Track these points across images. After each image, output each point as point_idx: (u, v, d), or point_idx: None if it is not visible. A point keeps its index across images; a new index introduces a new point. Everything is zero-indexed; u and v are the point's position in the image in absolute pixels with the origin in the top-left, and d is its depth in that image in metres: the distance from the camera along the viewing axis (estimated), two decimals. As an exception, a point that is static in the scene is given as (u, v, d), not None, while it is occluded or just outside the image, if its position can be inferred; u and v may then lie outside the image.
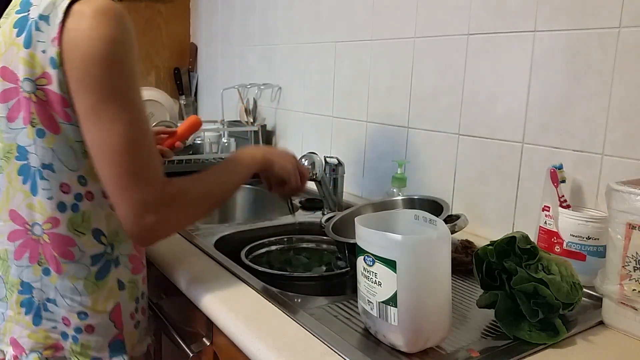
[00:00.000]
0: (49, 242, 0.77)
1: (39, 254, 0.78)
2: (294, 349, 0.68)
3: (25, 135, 0.74)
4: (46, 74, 0.71)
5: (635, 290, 0.72)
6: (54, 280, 0.78)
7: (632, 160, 0.91)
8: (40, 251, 0.78)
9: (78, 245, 0.77)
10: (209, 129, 1.85)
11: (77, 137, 0.74)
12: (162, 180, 0.74)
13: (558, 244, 0.92)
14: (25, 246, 0.78)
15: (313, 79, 1.68)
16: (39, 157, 0.74)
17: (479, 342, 0.72)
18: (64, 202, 0.76)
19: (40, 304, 0.79)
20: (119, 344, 0.83)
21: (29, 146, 0.75)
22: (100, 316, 0.80)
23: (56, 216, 0.76)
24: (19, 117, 0.74)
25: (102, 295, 0.80)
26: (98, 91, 0.70)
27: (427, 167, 1.29)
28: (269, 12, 1.88)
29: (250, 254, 1.11)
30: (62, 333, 0.80)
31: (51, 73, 0.71)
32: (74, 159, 0.75)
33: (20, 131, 0.75)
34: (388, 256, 0.64)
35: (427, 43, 1.26)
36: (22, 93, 0.73)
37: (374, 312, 0.68)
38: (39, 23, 0.71)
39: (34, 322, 0.79)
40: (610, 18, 0.92)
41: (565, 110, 1.00)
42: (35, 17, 0.72)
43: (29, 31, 0.72)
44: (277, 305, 0.79)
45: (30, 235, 0.78)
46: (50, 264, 0.78)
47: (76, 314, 0.79)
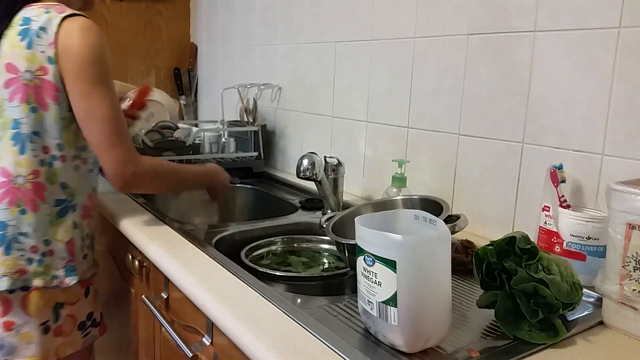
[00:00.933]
0: (30, 188, 1.04)
1: (19, 198, 1.04)
2: (294, 349, 0.68)
3: (20, 111, 1.03)
4: (43, 67, 1.02)
5: (635, 290, 0.72)
6: (29, 218, 1.04)
7: (632, 160, 0.91)
8: (19, 197, 1.04)
9: (49, 191, 1.06)
10: (209, 128, 1.85)
11: (60, 115, 1.05)
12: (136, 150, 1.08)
13: (558, 244, 0.92)
14: (7, 194, 1.04)
15: (313, 79, 1.68)
16: (30, 126, 1.03)
17: (479, 342, 0.72)
18: (44, 160, 1.05)
19: (11, 238, 1.04)
20: (71, 268, 1.09)
21: (22, 119, 1.03)
22: (59, 244, 1.08)
23: (38, 169, 1.05)
24: (16, 98, 1.03)
25: (62, 230, 1.08)
26: (89, 80, 1.02)
27: (427, 167, 1.29)
28: (269, 12, 1.88)
29: (250, 254, 1.11)
30: (28, 259, 1.05)
31: (47, 67, 1.02)
32: (55, 130, 1.05)
33: (17, 108, 1.03)
34: (388, 256, 0.64)
35: (427, 43, 1.26)
36: (21, 80, 1.02)
37: (374, 312, 0.68)
38: (38, 32, 1.02)
39: (4, 253, 1.03)
40: (610, 18, 0.92)
41: (565, 110, 1.00)
42: (35, 28, 1.03)
43: (30, 38, 1.02)
44: (277, 305, 0.79)
45: (12, 185, 1.04)
46: (28, 205, 1.04)
47: (42, 241, 1.06)
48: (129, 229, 1.16)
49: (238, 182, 1.70)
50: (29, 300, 1.05)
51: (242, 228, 1.21)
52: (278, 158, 1.89)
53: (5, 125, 1.05)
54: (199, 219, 1.66)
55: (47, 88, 1.02)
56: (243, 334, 0.72)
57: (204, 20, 2.38)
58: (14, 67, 1.03)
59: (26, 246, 1.04)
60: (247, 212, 1.68)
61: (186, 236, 1.09)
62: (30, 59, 1.01)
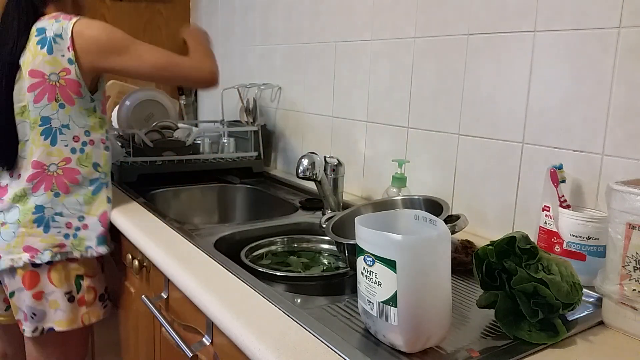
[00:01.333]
0: (62, 174, 1.21)
1: (52, 184, 1.21)
2: (294, 348, 0.68)
3: (50, 109, 1.19)
4: (66, 69, 1.18)
5: (635, 290, 0.72)
6: (62, 199, 1.21)
7: (632, 160, 0.91)
8: (53, 182, 1.21)
9: (82, 174, 1.23)
10: (209, 129, 1.85)
11: (85, 106, 1.22)
12: None
13: (558, 244, 0.92)
14: (42, 181, 1.20)
15: (313, 79, 1.68)
16: (59, 120, 1.20)
17: (479, 342, 0.72)
18: (74, 147, 1.22)
19: (49, 218, 1.20)
20: (103, 239, 1.25)
21: (52, 114, 1.19)
22: (93, 218, 1.24)
23: (69, 156, 1.22)
24: (44, 98, 1.18)
25: (95, 205, 1.24)
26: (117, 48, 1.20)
27: (427, 167, 1.29)
28: (269, 12, 1.88)
29: (250, 254, 1.11)
30: (65, 235, 1.21)
31: (69, 68, 1.18)
32: (82, 120, 1.22)
33: (45, 107, 1.18)
34: (388, 256, 0.64)
35: (427, 43, 1.26)
36: (48, 82, 1.17)
37: (374, 312, 0.68)
38: (55, 39, 1.17)
39: (44, 231, 1.20)
40: (610, 18, 0.92)
41: (565, 110, 1.00)
42: (51, 35, 1.17)
43: (49, 45, 1.17)
44: (277, 305, 0.79)
45: (46, 173, 1.20)
46: (61, 189, 1.21)
47: (77, 218, 1.23)
48: (129, 229, 1.16)
49: (238, 182, 1.70)
50: (53, 273, 1.20)
51: (242, 228, 1.21)
52: (278, 158, 1.90)
53: (34, 124, 1.19)
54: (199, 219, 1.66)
55: (71, 85, 1.19)
56: (243, 334, 0.72)
57: (204, 20, 2.38)
58: (39, 72, 1.17)
59: (62, 224, 1.21)
60: (247, 212, 1.68)
61: (186, 236, 1.09)
62: (53, 63, 1.17)
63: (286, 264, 1.11)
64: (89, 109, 1.23)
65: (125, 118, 1.74)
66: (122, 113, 1.74)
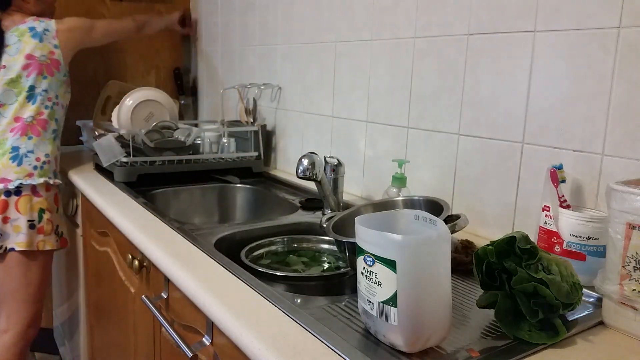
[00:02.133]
0: (35, 123, 1.64)
1: (27, 130, 1.63)
2: (294, 348, 0.68)
3: (34, 79, 1.64)
4: (52, 52, 1.67)
5: (635, 290, 0.72)
6: (35, 141, 1.64)
7: (632, 160, 0.91)
8: (28, 129, 1.63)
9: (49, 124, 1.67)
10: (209, 129, 1.85)
11: (59, 78, 1.70)
12: None
13: (558, 244, 0.92)
14: (20, 128, 1.62)
15: (313, 79, 1.68)
16: (42, 87, 1.65)
17: (479, 342, 0.72)
18: (48, 105, 1.67)
19: (22, 155, 1.60)
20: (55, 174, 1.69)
21: (37, 83, 1.64)
22: (52, 157, 1.67)
23: (42, 111, 1.66)
24: (33, 72, 1.63)
25: (53, 148, 1.69)
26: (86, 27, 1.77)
27: (427, 167, 1.29)
28: (269, 12, 1.88)
29: (250, 254, 1.11)
30: (34, 166, 1.61)
31: (54, 51, 1.68)
32: (56, 88, 1.69)
33: (33, 78, 1.64)
34: (388, 256, 0.65)
35: (427, 43, 1.26)
36: (37, 61, 1.64)
37: (374, 312, 0.68)
38: (44, 32, 1.67)
39: (17, 165, 1.59)
40: (610, 18, 0.92)
41: (565, 110, 1.00)
42: (41, 29, 1.67)
43: (40, 36, 1.66)
44: (277, 305, 0.79)
45: (24, 122, 1.63)
46: (34, 134, 1.64)
47: (43, 154, 1.64)
48: (128, 229, 1.16)
49: (238, 182, 1.70)
50: (20, 203, 1.58)
51: (242, 228, 1.21)
52: (278, 158, 1.90)
53: (21, 91, 1.63)
54: (199, 219, 1.66)
55: (54, 63, 1.67)
56: (243, 333, 0.72)
57: (204, 20, 2.38)
58: (32, 56, 1.64)
59: (32, 159, 1.61)
60: (247, 212, 1.68)
61: (186, 236, 1.09)
62: (43, 49, 1.65)
63: (286, 264, 1.11)
64: (61, 80, 1.70)
65: (125, 118, 1.74)
66: (122, 113, 1.74)
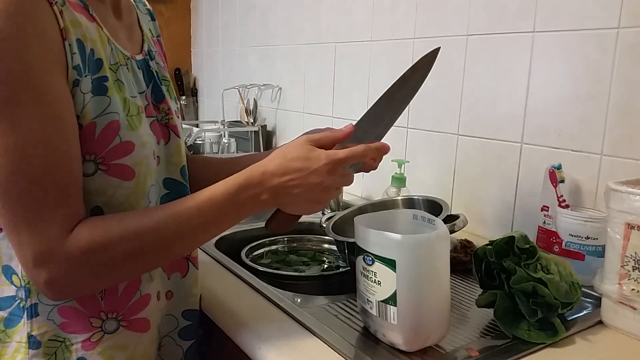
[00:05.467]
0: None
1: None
2: (294, 348, 0.68)
3: None
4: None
5: (634, 289, 0.72)
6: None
7: (631, 160, 0.91)
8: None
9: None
10: (210, 129, 1.85)
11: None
12: (65, 226, 0.56)
13: (557, 244, 0.92)
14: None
15: (313, 79, 1.68)
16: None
17: (478, 342, 0.72)
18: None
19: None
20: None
21: None
22: None
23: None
24: None
25: (11, 348, 0.63)
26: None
27: (426, 167, 1.29)
28: (270, 13, 1.88)
29: (251, 254, 1.11)
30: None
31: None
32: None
33: None
34: (388, 255, 0.65)
35: (427, 44, 1.27)
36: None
37: (374, 311, 0.68)
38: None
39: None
40: (609, 18, 0.92)
41: (564, 110, 1.00)
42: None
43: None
44: (277, 304, 0.79)
45: None
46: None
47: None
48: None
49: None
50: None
51: (242, 228, 1.21)
52: (278, 158, 1.90)
53: None
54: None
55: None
56: (243, 333, 0.72)
57: (205, 21, 2.39)
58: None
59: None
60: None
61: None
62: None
63: (286, 264, 1.11)
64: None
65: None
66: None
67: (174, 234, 0.60)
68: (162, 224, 0.59)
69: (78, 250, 0.56)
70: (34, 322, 0.63)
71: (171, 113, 0.73)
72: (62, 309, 0.63)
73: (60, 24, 0.55)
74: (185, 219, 0.60)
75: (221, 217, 0.62)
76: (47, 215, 0.55)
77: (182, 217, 0.60)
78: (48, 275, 0.56)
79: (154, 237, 0.59)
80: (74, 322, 0.64)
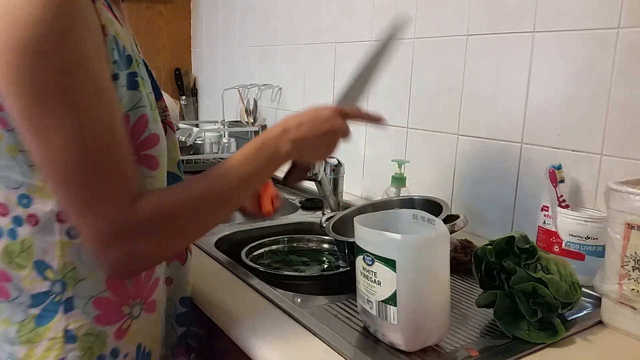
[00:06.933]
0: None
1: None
2: (294, 348, 0.68)
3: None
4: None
5: (634, 289, 0.72)
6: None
7: (631, 160, 0.91)
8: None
9: (15, 280, 0.62)
10: (210, 129, 1.85)
11: (20, 146, 0.59)
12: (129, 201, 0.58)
13: (557, 244, 0.92)
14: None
15: (313, 79, 1.68)
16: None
17: (478, 342, 0.72)
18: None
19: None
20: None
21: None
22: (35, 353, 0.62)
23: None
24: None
25: (40, 347, 0.63)
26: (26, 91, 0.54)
27: (426, 167, 1.29)
28: (269, 13, 1.88)
29: (251, 254, 1.11)
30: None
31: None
32: (15, 174, 0.60)
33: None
34: (388, 255, 0.65)
35: (427, 44, 1.27)
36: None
37: (374, 311, 0.68)
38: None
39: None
40: (609, 18, 0.92)
41: (564, 110, 1.00)
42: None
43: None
44: (277, 304, 0.79)
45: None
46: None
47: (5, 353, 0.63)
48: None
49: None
50: None
51: (242, 228, 1.21)
52: (278, 158, 1.90)
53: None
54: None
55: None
56: (243, 333, 0.72)
57: (205, 20, 2.39)
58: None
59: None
60: (248, 212, 1.68)
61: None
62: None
63: (286, 264, 1.11)
64: None
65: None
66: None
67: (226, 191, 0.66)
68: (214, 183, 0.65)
69: (148, 220, 0.59)
70: (70, 316, 0.63)
71: (167, 110, 0.79)
72: (97, 301, 0.65)
73: (101, 20, 0.58)
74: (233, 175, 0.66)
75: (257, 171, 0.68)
76: (113, 193, 0.58)
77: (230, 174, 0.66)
78: (121, 250, 0.58)
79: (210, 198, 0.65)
80: (107, 312, 0.66)
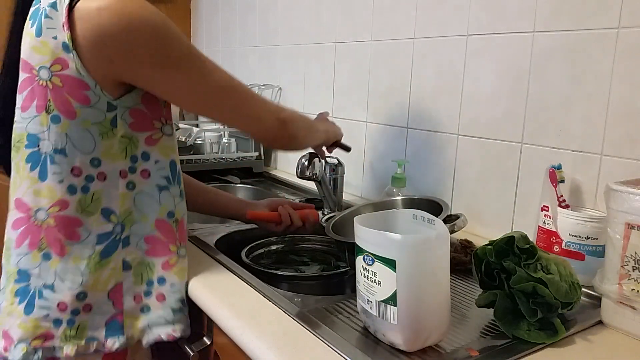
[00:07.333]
0: (54, 225, 0.77)
1: (40, 240, 0.78)
2: (294, 347, 0.68)
3: (38, 123, 0.76)
4: (60, 59, 0.73)
5: (634, 289, 0.72)
6: (55, 264, 0.78)
7: (631, 160, 0.91)
8: (42, 236, 0.78)
9: (85, 225, 0.79)
10: (210, 129, 1.85)
11: (95, 119, 0.76)
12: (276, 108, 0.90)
13: (557, 244, 0.92)
14: (26, 233, 0.78)
15: (313, 79, 1.68)
16: (51, 142, 0.76)
17: (478, 341, 0.72)
18: (74, 185, 0.77)
19: (35, 292, 0.78)
20: (116, 325, 0.81)
21: (41, 133, 0.76)
22: (99, 294, 0.80)
23: (65, 198, 0.77)
24: (32, 105, 0.76)
25: (104, 274, 0.80)
26: (172, 57, 0.77)
27: (426, 167, 1.29)
28: (269, 13, 1.88)
29: (251, 254, 1.11)
30: (55, 320, 0.77)
31: (66, 58, 0.72)
32: (89, 142, 0.77)
33: (32, 119, 0.76)
34: (388, 255, 0.65)
35: (427, 44, 1.27)
36: (37, 81, 0.74)
37: (374, 311, 0.68)
38: (47, 11, 0.73)
39: (25, 311, 0.77)
40: (609, 18, 0.92)
41: (564, 110, 1.00)
42: (45, 5, 0.74)
43: (39, 20, 0.74)
44: (277, 304, 0.79)
45: (32, 222, 0.78)
46: (53, 247, 0.78)
47: (75, 295, 0.78)
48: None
49: (238, 182, 1.71)
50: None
51: (243, 228, 1.21)
52: (278, 158, 1.90)
53: (18, 143, 0.79)
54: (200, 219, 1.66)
55: (72, 87, 0.73)
56: (243, 333, 0.72)
57: (205, 20, 2.39)
58: (26, 64, 0.76)
59: (52, 303, 0.77)
60: (248, 212, 1.68)
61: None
62: (42, 50, 0.73)
63: (286, 264, 1.12)
64: (102, 123, 0.76)
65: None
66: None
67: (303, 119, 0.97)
68: None
69: (289, 118, 0.89)
70: (127, 250, 0.82)
71: None
72: (148, 238, 0.83)
73: None
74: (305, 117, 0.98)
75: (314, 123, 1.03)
76: (268, 102, 0.88)
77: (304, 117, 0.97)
78: (290, 129, 0.89)
79: (302, 119, 0.95)
80: (155, 248, 0.84)
